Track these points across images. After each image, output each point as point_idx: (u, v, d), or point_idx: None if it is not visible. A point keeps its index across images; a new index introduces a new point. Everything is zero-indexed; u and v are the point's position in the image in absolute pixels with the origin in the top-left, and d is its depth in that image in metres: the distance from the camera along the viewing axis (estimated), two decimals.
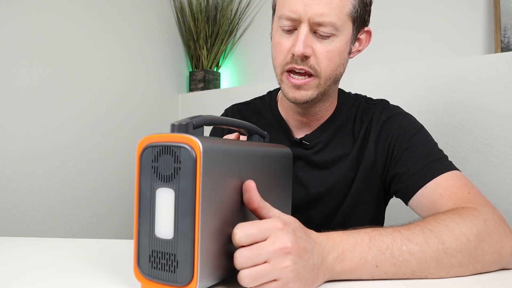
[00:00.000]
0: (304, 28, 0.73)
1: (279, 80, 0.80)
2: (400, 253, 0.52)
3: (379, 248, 0.52)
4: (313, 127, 0.86)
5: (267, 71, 1.89)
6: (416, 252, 0.52)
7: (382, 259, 0.51)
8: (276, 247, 0.44)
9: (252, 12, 1.94)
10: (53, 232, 1.48)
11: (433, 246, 0.53)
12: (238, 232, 0.45)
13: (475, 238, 0.56)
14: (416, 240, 0.53)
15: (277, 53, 0.78)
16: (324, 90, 0.78)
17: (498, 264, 0.58)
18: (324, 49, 0.74)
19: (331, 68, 0.76)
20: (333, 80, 0.78)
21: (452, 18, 1.40)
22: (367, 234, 0.53)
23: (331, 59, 0.75)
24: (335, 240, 0.51)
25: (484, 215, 0.60)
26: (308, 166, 0.85)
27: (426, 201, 0.72)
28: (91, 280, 0.52)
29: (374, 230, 0.54)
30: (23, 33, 1.42)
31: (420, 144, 0.78)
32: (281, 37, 0.77)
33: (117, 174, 1.71)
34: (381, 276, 0.52)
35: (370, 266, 0.51)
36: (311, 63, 0.75)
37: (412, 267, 0.52)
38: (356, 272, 0.51)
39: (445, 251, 0.53)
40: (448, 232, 0.55)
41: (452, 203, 0.66)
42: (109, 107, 1.69)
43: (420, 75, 1.31)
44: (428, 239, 0.53)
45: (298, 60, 0.74)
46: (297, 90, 0.77)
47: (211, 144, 0.45)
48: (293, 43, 0.74)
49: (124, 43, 1.76)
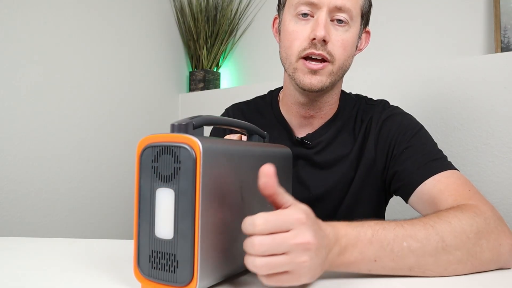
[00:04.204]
0: (323, 13, 0.75)
1: (292, 69, 0.79)
2: (400, 249, 0.52)
3: (381, 243, 0.51)
4: (315, 126, 0.86)
5: (267, 71, 1.89)
6: (416, 249, 0.52)
7: (381, 254, 0.51)
8: (298, 241, 0.43)
9: (252, 12, 1.94)
10: (53, 232, 1.48)
11: (433, 243, 0.53)
12: (259, 220, 0.43)
13: (475, 235, 0.56)
14: (417, 236, 0.53)
15: (293, 40, 0.78)
16: (335, 80, 0.80)
17: (496, 262, 0.58)
18: (340, 37, 0.77)
19: (344, 57, 0.79)
20: (343, 71, 0.81)
21: (452, 18, 1.40)
22: (370, 228, 0.52)
23: (345, 47, 0.78)
24: (339, 232, 0.51)
25: (484, 213, 0.60)
26: (309, 165, 0.85)
27: (427, 197, 0.71)
28: (91, 280, 0.52)
29: (378, 224, 0.53)
30: (23, 33, 1.42)
31: (420, 144, 0.78)
32: (297, 24, 0.78)
33: (117, 174, 1.71)
34: (378, 270, 0.52)
35: (368, 261, 0.51)
36: (329, 48, 0.76)
37: (410, 263, 0.52)
38: (353, 266, 0.51)
39: (444, 249, 0.53)
40: (450, 229, 0.55)
41: (453, 199, 0.66)
42: (109, 107, 1.69)
43: (420, 75, 1.31)
44: (429, 236, 0.53)
45: (318, 44, 0.76)
46: (314, 76, 0.78)
47: (211, 144, 0.45)
48: (312, 28, 0.76)
49: (124, 43, 1.76)
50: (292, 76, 0.80)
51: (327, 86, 0.79)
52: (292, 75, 0.80)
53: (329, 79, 0.78)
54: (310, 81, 0.78)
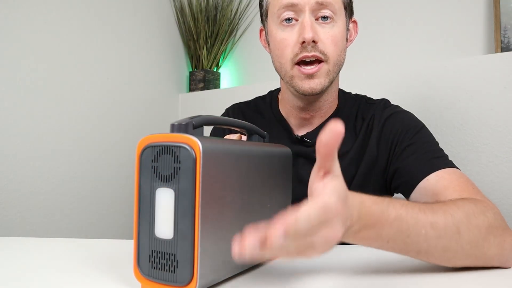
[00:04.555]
0: (307, 14, 0.75)
1: (289, 77, 0.79)
2: (416, 235, 0.51)
3: (400, 228, 0.50)
4: (315, 124, 0.87)
5: (267, 71, 1.88)
6: (431, 237, 0.52)
7: (397, 237, 0.50)
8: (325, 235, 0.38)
9: (252, 12, 1.94)
10: (53, 232, 1.48)
11: (449, 234, 0.52)
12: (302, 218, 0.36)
13: (486, 230, 0.56)
14: (437, 225, 0.52)
15: (284, 48, 0.78)
16: (333, 77, 0.80)
17: (500, 257, 0.57)
18: (328, 34, 0.77)
19: (337, 53, 0.79)
20: (339, 67, 0.81)
21: (452, 18, 1.40)
22: (394, 210, 0.50)
23: (336, 43, 0.78)
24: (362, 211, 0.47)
25: (492, 208, 0.60)
26: (309, 163, 0.85)
27: (430, 193, 0.71)
28: (91, 280, 0.52)
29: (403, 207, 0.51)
30: (23, 33, 1.42)
31: (422, 142, 0.78)
32: (284, 32, 0.78)
33: (117, 174, 1.71)
34: (387, 249, 0.52)
35: (382, 241, 0.50)
36: (320, 48, 0.76)
37: (420, 248, 0.52)
38: (366, 241, 0.50)
39: (457, 241, 0.53)
40: (466, 222, 0.54)
41: (458, 195, 0.66)
42: (109, 107, 1.69)
43: (420, 75, 1.31)
44: (447, 227, 0.53)
45: (308, 47, 0.76)
46: (311, 80, 0.78)
47: (210, 144, 0.45)
48: (299, 32, 0.76)
49: (124, 43, 1.76)
50: (290, 83, 0.80)
51: (327, 86, 0.79)
52: (290, 82, 0.80)
53: (327, 79, 0.79)
54: (309, 86, 0.78)
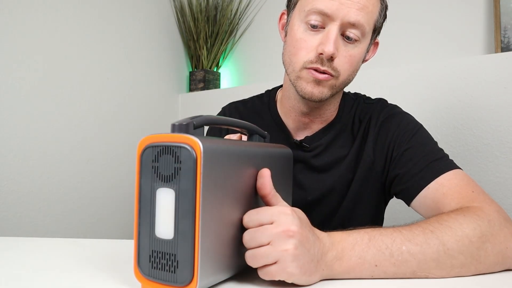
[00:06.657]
0: (335, 27, 0.71)
1: (294, 76, 0.77)
2: (399, 253, 0.52)
3: (379, 248, 0.52)
4: (314, 129, 0.85)
5: (267, 71, 1.89)
6: (416, 253, 0.52)
7: (381, 258, 0.51)
8: (280, 230, 0.46)
9: (252, 12, 1.94)
10: (53, 232, 1.48)
11: (433, 247, 0.53)
12: (245, 216, 0.48)
13: (478, 239, 0.55)
14: (416, 240, 0.53)
15: (299, 49, 0.75)
16: (336, 92, 0.78)
17: (502, 265, 0.57)
18: (347, 53, 0.73)
19: (349, 73, 0.76)
20: (345, 84, 0.78)
21: (452, 18, 1.40)
22: (367, 233, 0.53)
23: (352, 64, 0.75)
24: (335, 238, 0.52)
25: (488, 215, 0.59)
26: (306, 169, 0.84)
27: (430, 201, 0.71)
28: (91, 280, 0.52)
29: (374, 230, 0.54)
30: (23, 33, 1.42)
31: (420, 144, 0.77)
32: (305, 33, 0.74)
33: (117, 174, 1.71)
34: (380, 275, 0.52)
35: (369, 266, 0.51)
36: (334, 64, 0.73)
37: (412, 267, 0.52)
38: (355, 271, 0.51)
39: (446, 252, 0.53)
40: (450, 233, 0.54)
41: (456, 203, 0.65)
42: (109, 107, 1.69)
43: (420, 75, 1.31)
44: (428, 240, 0.53)
45: (325, 60, 0.72)
46: (317, 86, 0.75)
47: (211, 144, 0.45)
48: (320, 41, 0.72)
49: (124, 43, 1.76)
50: (294, 83, 0.78)
51: (327, 98, 0.77)
52: (294, 82, 0.77)
53: (330, 92, 0.76)
54: (311, 91, 0.75)
